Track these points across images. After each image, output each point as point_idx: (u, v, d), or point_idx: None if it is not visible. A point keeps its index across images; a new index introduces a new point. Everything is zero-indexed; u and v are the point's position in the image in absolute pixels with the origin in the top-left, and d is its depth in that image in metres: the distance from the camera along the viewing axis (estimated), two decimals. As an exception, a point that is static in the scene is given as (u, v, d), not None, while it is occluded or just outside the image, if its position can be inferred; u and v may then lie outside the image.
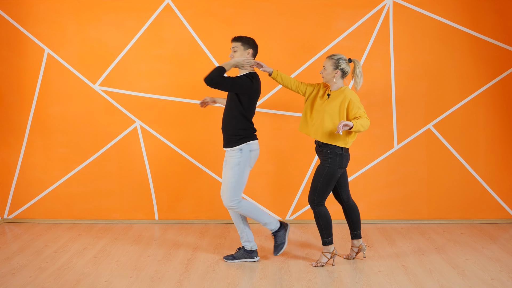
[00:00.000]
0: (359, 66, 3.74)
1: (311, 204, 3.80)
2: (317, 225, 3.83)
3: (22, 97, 4.99)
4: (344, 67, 3.72)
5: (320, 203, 3.77)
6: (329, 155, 3.71)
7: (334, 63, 3.71)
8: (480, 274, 3.66)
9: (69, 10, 4.87)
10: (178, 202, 5.03)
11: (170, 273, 3.77)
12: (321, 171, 3.74)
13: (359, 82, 3.76)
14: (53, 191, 5.08)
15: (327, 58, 3.76)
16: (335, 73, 3.72)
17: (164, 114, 4.93)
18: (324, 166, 3.73)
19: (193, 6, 4.81)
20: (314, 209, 3.80)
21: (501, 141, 4.83)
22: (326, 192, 3.76)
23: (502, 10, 4.70)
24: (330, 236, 3.83)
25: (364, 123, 3.59)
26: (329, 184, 3.74)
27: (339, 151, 3.70)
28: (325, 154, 3.73)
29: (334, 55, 3.75)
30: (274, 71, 3.92)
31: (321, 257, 3.88)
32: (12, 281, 3.66)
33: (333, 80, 3.74)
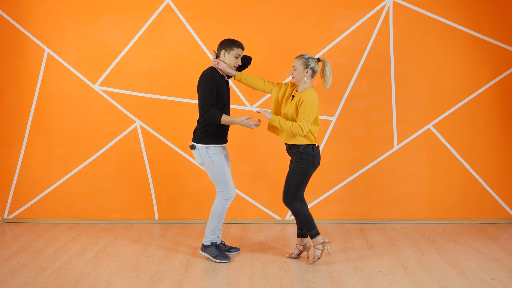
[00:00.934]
0: (327, 65, 3.79)
1: (285, 203, 3.87)
2: (298, 221, 3.92)
3: (22, 97, 4.99)
4: (314, 66, 3.77)
5: (293, 201, 3.84)
6: (301, 156, 3.77)
7: (304, 62, 3.75)
8: (480, 274, 3.66)
9: (69, 10, 4.87)
10: (178, 202, 5.03)
11: (170, 273, 3.77)
12: (294, 171, 3.81)
13: (328, 81, 3.81)
14: (53, 191, 5.08)
15: (296, 58, 3.79)
16: (306, 73, 3.75)
17: (164, 114, 4.93)
18: (297, 166, 3.79)
19: (193, 6, 4.81)
20: (289, 207, 3.87)
21: (501, 141, 4.83)
22: (299, 192, 3.84)
23: (502, 10, 4.70)
24: (314, 228, 3.88)
25: (289, 126, 3.66)
26: (302, 184, 3.81)
27: (310, 151, 3.77)
28: (297, 155, 3.79)
29: (303, 54, 3.79)
30: (237, 74, 3.96)
31: (315, 252, 3.91)
32: (12, 281, 3.66)
33: (304, 79, 3.77)
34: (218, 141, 3.93)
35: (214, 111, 3.77)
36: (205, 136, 3.89)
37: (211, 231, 4.02)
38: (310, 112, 3.67)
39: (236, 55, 3.88)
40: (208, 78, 3.81)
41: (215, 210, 3.99)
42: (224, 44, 3.89)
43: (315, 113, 3.71)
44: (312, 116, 3.68)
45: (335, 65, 4.80)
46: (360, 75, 4.81)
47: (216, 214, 3.99)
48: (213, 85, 3.79)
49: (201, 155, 3.92)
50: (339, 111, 4.86)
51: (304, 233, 4.02)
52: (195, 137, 3.95)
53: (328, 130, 4.88)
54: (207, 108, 3.77)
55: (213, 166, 3.91)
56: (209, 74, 3.83)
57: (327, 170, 4.91)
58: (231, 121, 3.79)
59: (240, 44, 3.89)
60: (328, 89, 4.79)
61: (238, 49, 3.88)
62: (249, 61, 4.11)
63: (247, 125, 3.79)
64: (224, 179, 3.92)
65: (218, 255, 3.99)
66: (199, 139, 3.91)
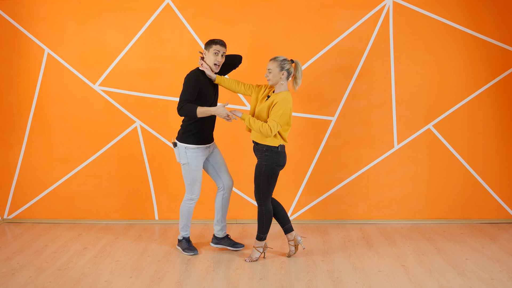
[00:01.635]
0: (300, 67, 3.82)
1: (258, 201, 3.91)
2: (259, 221, 3.95)
3: (22, 97, 4.99)
4: (289, 67, 3.79)
5: (267, 200, 3.88)
6: (265, 153, 3.80)
7: (280, 64, 3.77)
8: (480, 274, 3.66)
9: (69, 10, 4.87)
10: (178, 202, 5.03)
11: (170, 273, 3.77)
12: (259, 169, 3.84)
13: (299, 83, 3.85)
14: (53, 191, 5.08)
15: (271, 61, 3.80)
16: (282, 75, 3.77)
17: (164, 114, 4.93)
18: (261, 164, 3.82)
19: (193, 6, 4.81)
20: (260, 207, 3.91)
21: (501, 141, 4.83)
22: (270, 189, 3.86)
23: (502, 10, 4.70)
24: (267, 233, 3.98)
25: (258, 126, 3.68)
26: (270, 182, 3.83)
27: (275, 149, 3.78)
28: (261, 152, 3.82)
29: (277, 57, 3.81)
30: (218, 77, 4.00)
31: (254, 252, 3.99)
32: (12, 281, 3.66)
33: (280, 81, 3.79)
34: (200, 142, 3.99)
35: (188, 105, 3.78)
36: (187, 136, 3.97)
37: (182, 228, 4.22)
38: (282, 114, 3.69)
39: (215, 51, 3.91)
40: (191, 77, 3.90)
41: (181, 210, 4.20)
42: (206, 44, 3.98)
43: (286, 116, 3.73)
44: (283, 118, 3.70)
45: (335, 65, 4.80)
46: (360, 75, 4.81)
47: (184, 213, 4.18)
48: (194, 84, 3.86)
49: (179, 154, 4.01)
50: (339, 111, 4.86)
51: (288, 228, 4.03)
52: (178, 135, 4.04)
53: (328, 130, 4.88)
54: (182, 103, 3.81)
55: (187, 167, 4.02)
56: (192, 74, 3.93)
57: (327, 170, 4.91)
58: (206, 111, 3.80)
59: (219, 41, 3.93)
60: (329, 89, 4.80)
61: (216, 46, 3.92)
62: (239, 60, 4.15)
63: (223, 113, 3.78)
64: (192, 182, 4.06)
65: (186, 248, 4.18)
66: (181, 138, 4.00)
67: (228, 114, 3.77)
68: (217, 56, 3.93)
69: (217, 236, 4.28)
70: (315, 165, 4.92)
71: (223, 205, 4.23)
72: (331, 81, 4.82)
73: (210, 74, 3.97)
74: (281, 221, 4.05)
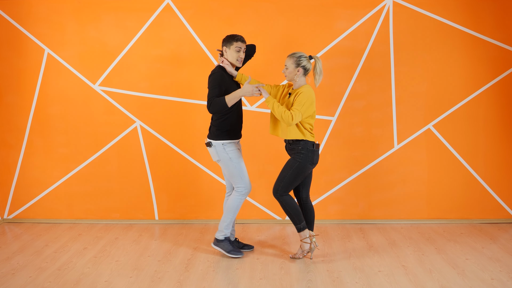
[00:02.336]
0: (319, 63, 3.80)
1: (275, 194, 3.87)
2: (287, 214, 3.91)
3: (22, 97, 5.00)
4: (305, 64, 3.78)
5: (283, 194, 3.85)
6: (301, 151, 3.79)
7: (296, 61, 3.76)
8: (480, 274, 3.66)
9: (69, 10, 4.87)
10: (178, 202, 5.03)
11: (170, 273, 3.77)
12: (292, 164, 3.82)
13: (319, 79, 3.83)
14: (53, 191, 5.08)
15: (288, 57, 3.80)
16: (297, 71, 3.77)
17: (164, 114, 4.93)
18: (295, 160, 3.81)
19: (193, 6, 4.81)
20: (278, 199, 3.87)
21: (501, 141, 4.83)
22: (292, 185, 3.84)
23: (502, 10, 4.70)
24: (303, 221, 3.90)
25: (281, 112, 3.67)
26: (296, 178, 3.82)
27: (311, 147, 3.79)
28: (297, 150, 3.81)
29: (295, 53, 3.80)
30: (238, 74, 3.98)
31: (303, 245, 3.93)
32: (12, 281, 3.66)
33: (295, 78, 3.79)
34: (233, 137, 3.98)
35: (216, 99, 3.77)
36: (221, 133, 3.92)
37: (226, 226, 4.06)
38: (304, 104, 3.69)
39: (237, 49, 3.89)
40: (216, 76, 3.84)
41: (231, 205, 4.02)
42: (224, 41, 3.93)
43: (309, 106, 3.72)
44: (306, 108, 3.70)
45: (335, 65, 4.80)
46: (360, 75, 4.81)
47: (232, 209, 4.03)
48: (220, 82, 3.82)
49: (218, 152, 3.94)
50: (339, 111, 4.86)
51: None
52: (211, 134, 3.97)
53: (328, 130, 4.88)
54: (211, 100, 3.79)
55: (230, 163, 3.95)
56: (217, 73, 3.87)
57: (327, 170, 4.91)
58: (235, 96, 3.79)
59: (240, 38, 3.90)
60: (328, 89, 4.80)
61: (237, 43, 3.89)
62: (254, 49, 4.14)
63: (249, 90, 3.77)
64: (241, 174, 3.97)
65: (231, 250, 4.05)
66: (215, 136, 3.93)
67: (254, 90, 3.77)
68: (240, 53, 3.91)
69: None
70: (315, 165, 4.92)
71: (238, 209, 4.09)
72: (331, 81, 4.82)
73: (232, 70, 3.93)
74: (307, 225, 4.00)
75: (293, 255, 4.03)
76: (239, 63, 3.95)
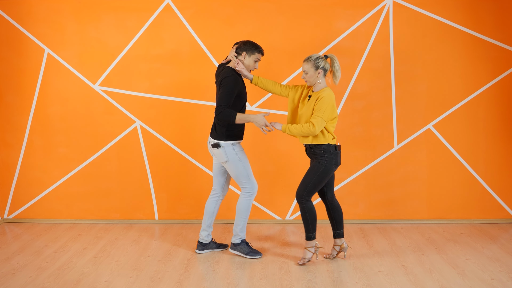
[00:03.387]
0: (336, 60, 3.77)
1: (299, 199, 3.83)
2: (304, 220, 3.86)
3: (22, 97, 4.99)
4: (324, 65, 3.74)
5: (308, 198, 3.82)
6: (324, 155, 3.75)
7: (314, 64, 3.72)
8: (480, 274, 3.66)
9: (69, 10, 4.87)
10: (178, 202, 5.03)
11: (170, 273, 3.77)
12: (316, 168, 3.77)
13: (338, 76, 3.80)
14: (53, 191, 5.08)
15: (305, 62, 3.75)
16: (318, 73, 3.74)
17: (164, 114, 4.93)
18: (320, 164, 3.76)
19: (193, 6, 4.81)
20: (301, 204, 3.83)
21: (501, 141, 4.83)
22: (316, 189, 3.82)
23: (502, 10, 4.70)
24: (315, 231, 3.89)
25: (299, 130, 3.66)
26: (321, 182, 3.79)
27: (333, 149, 3.76)
28: (319, 154, 3.76)
29: (310, 57, 3.75)
30: (254, 77, 3.97)
31: (306, 253, 3.91)
32: (12, 281, 3.66)
33: (317, 81, 3.76)
34: (241, 136, 3.99)
35: (228, 111, 3.74)
36: (232, 134, 3.91)
37: (240, 229, 4.06)
38: (325, 110, 3.65)
39: (256, 59, 3.90)
40: (231, 81, 3.80)
41: (242, 207, 4.02)
42: (247, 46, 3.89)
43: (330, 111, 3.68)
44: (327, 114, 3.66)
45: (335, 65, 4.80)
46: (360, 75, 4.81)
47: (243, 212, 4.02)
48: (235, 88, 3.80)
49: (227, 153, 3.92)
50: (339, 111, 4.86)
51: (340, 233, 3.99)
52: (220, 134, 3.91)
53: (328, 130, 4.88)
54: (222, 108, 3.75)
55: (239, 163, 3.94)
56: (232, 78, 3.82)
57: (327, 170, 4.91)
58: (246, 118, 3.78)
59: (262, 50, 3.91)
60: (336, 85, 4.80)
61: (259, 54, 3.91)
62: None
63: (261, 122, 3.76)
64: (249, 175, 3.98)
65: (249, 252, 4.06)
66: (225, 137, 3.90)
67: (267, 124, 3.77)
68: (256, 64, 3.93)
69: (203, 242, 4.18)
70: (315, 165, 4.92)
71: (215, 211, 4.15)
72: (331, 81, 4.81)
73: (247, 74, 3.92)
74: (336, 224, 3.99)
75: (327, 255, 4.01)
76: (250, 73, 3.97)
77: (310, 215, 3.83)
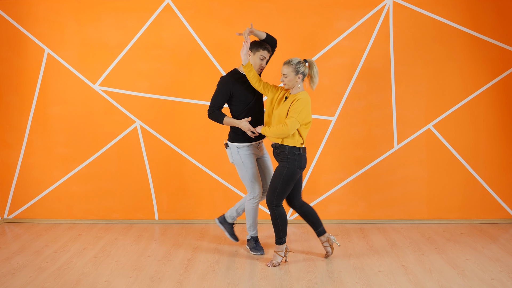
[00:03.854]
0: (315, 66, 3.77)
1: (270, 205, 3.83)
2: (274, 225, 3.87)
3: (22, 97, 4.99)
4: (304, 70, 3.73)
5: (279, 204, 3.81)
6: (287, 156, 3.74)
7: (295, 68, 3.70)
8: (480, 274, 3.66)
9: (69, 10, 4.87)
10: (178, 202, 5.03)
11: (170, 273, 3.77)
12: (280, 171, 3.77)
13: (315, 82, 3.80)
14: (53, 191, 5.08)
15: (285, 65, 3.71)
16: (298, 78, 3.72)
17: (164, 114, 4.93)
18: (283, 167, 3.76)
19: (193, 6, 4.81)
20: (272, 210, 3.83)
21: (501, 141, 4.83)
22: (285, 193, 3.81)
23: (502, 10, 4.70)
24: (285, 235, 3.91)
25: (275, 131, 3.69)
26: (288, 185, 3.78)
27: (297, 151, 3.74)
28: (283, 155, 3.77)
29: (291, 60, 3.72)
30: (248, 64, 3.87)
31: (276, 257, 3.92)
32: (12, 281, 3.66)
33: (297, 85, 3.75)
34: (249, 139, 3.98)
35: (216, 113, 3.91)
36: (237, 135, 3.97)
37: (248, 227, 4.19)
38: (300, 111, 3.65)
39: (261, 57, 3.90)
40: (221, 82, 3.94)
41: (246, 209, 4.12)
42: (252, 44, 3.91)
43: (305, 114, 3.68)
44: (302, 116, 3.66)
45: (335, 65, 4.80)
46: (360, 75, 4.81)
47: (248, 212, 4.12)
48: (222, 89, 3.91)
49: (232, 154, 4.02)
50: (339, 111, 4.86)
51: (321, 231, 4.00)
52: (229, 136, 4.04)
53: (328, 130, 4.88)
54: (210, 110, 3.93)
55: (242, 166, 3.99)
56: (223, 79, 3.94)
57: (327, 170, 4.91)
58: (232, 122, 3.90)
59: (267, 47, 3.91)
60: (329, 89, 4.80)
61: (264, 51, 3.90)
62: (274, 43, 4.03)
63: (245, 127, 3.86)
64: (252, 180, 4.01)
65: (253, 248, 4.18)
66: (232, 138, 4.01)
67: (250, 128, 3.85)
68: (262, 62, 3.92)
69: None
70: (315, 165, 4.92)
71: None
72: (331, 81, 4.82)
73: (244, 57, 3.85)
74: (313, 224, 4.01)
75: (271, 265, 3.94)
76: (259, 71, 3.96)
77: (281, 220, 3.84)
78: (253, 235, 4.21)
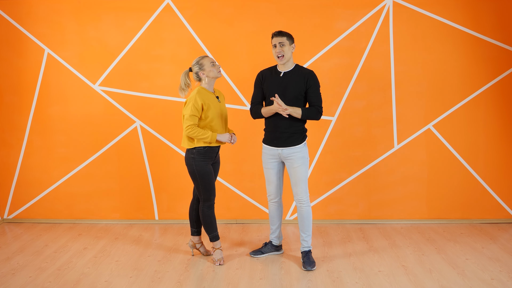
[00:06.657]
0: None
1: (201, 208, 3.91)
2: (208, 224, 3.91)
3: (22, 97, 5.00)
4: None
5: (213, 201, 3.87)
6: (191, 156, 3.81)
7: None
8: (480, 274, 3.66)
9: (69, 10, 4.87)
10: (178, 202, 5.03)
11: (170, 273, 3.77)
12: (193, 175, 3.82)
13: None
14: (53, 191, 5.08)
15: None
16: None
17: (164, 114, 4.93)
18: (192, 169, 3.81)
19: (193, 6, 4.81)
20: (204, 213, 3.89)
21: (501, 141, 4.83)
22: (211, 189, 3.83)
23: (502, 10, 4.70)
24: (216, 231, 3.96)
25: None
26: (209, 181, 3.82)
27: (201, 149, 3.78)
28: (188, 157, 3.83)
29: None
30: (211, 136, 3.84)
31: (219, 254, 3.96)
32: (12, 281, 3.66)
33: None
34: (265, 141, 3.95)
35: (254, 108, 3.92)
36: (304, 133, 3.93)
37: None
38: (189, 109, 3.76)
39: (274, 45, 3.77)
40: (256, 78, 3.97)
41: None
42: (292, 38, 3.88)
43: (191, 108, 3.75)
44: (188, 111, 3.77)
45: (335, 65, 4.80)
46: (360, 75, 4.82)
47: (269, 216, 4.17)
48: (255, 84, 3.95)
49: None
50: (339, 111, 4.86)
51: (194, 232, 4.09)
52: (300, 138, 3.90)
53: (328, 130, 4.88)
54: (250, 107, 3.97)
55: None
56: (258, 74, 3.97)
57: (327, 170, 4.91)
58: (268, 109, 3.78)
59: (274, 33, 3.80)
60: (329, 89, 4.80)
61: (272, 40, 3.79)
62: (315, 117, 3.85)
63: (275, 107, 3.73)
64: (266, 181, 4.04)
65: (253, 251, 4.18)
66: (302, 138, 3.92)
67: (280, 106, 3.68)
68: (276, 49, 3.76)
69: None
70: (315, 165, 4.92)
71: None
72: (331, 81, 4.82)
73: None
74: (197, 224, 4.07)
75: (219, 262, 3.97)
76: (280, 59, 3.77)
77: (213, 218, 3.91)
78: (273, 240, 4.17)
